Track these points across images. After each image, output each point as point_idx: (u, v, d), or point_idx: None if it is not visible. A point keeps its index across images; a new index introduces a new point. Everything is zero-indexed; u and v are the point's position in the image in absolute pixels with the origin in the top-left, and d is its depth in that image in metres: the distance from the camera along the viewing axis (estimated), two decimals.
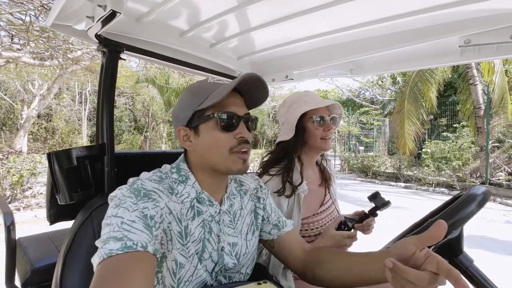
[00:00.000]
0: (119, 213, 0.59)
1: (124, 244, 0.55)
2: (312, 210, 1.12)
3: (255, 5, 0.97)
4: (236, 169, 0.71)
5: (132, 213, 0.59)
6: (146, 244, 0.57)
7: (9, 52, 6.19)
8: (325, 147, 1.11)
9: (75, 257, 0.80)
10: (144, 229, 0.58)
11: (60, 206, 0.99)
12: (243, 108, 0.74)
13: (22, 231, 3.99)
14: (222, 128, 0.69)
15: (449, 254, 0.76)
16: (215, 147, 0.70)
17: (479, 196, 0.72)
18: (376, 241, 1.47)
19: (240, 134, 0.71)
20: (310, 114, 1.10)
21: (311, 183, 1.15)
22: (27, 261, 1.14)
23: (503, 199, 5.95)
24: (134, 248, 0.55)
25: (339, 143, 13.05)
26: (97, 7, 0.79)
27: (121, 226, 0.57)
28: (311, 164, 1.20)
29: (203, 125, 0.71)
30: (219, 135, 0.70)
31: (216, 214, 0.75)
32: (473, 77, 7.23)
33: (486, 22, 0.97)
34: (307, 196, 1.10)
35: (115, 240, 0.55)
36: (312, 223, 1.09)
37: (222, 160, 0.71)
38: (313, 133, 1.10)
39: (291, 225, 0.89)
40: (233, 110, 0.71)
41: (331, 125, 1.11)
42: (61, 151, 0.94)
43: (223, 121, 0.69)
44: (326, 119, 1.11)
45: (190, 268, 0.69)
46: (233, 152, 0.70)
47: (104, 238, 0.56)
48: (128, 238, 0.56)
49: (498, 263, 3.08)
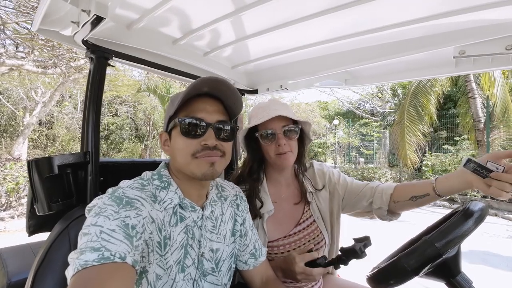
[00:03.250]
0: (99, 221, 0.56)
1: (101, 255, 0.52)
2: (283, 231, 1.01)
3: (249, 13, 0.96)
4: (200, 173, 0.69)
5: (112, 222, 0.56)
6: (124, 255, 0.54)
7: (12, 60, 6.27)
8: (281, 164, 0.99)
9: (48, 270, 0.76)
10: (124, 239, 0.55)
11: (39, 217, 0.94)
12: (216, 114, 0.72)
13: (15, 240, 3.94)
14: (183, 134, 0.69)
15: (446, 275, 0.71)
16: (180, 152, 0.70)
17: (476, 212, 0.68)
18: (371, 255, 1.41)
19: (204, 141, 0.69)
20: (260, 129, 0.99)
21: (283, 201, 1.05)
22: (5, 274, 1.09)
23: (505, 213, 5.84)
24: (112, 259, 0.52)
25: (339, 154, 13.01)
26: (81, 12, 0.78)
27: (100, 235, 0.54)
28: (280, 180, 1.08)
29: (173, 130, 0.72)
30: (184, 140, 0.69)
31: (198, 219, 0.74)
32: (472, 90, 7.25)
33: (481, 33, 0.96)
34: (278, 215, 1.01)
35: (92, 250, 0.52)
36: (283, 246, 0.99)
37: (185, 164, 0.70)
38: (265, 149, 1.00)
39: (265, 253, 0.90)
40: (199, 116, 0.69)
41: (282, 140, 0.97)
42: (42, 158, 0.91)
43: (184, 127, 0.69)
44: (277, 133, 0.97)
45: (168, 281, 0.66)
46: (196, 157, 0.69)
47: (81, 248, 0.53)
48: (106, 249, 0.52)
49: (502, 280, 2.98)
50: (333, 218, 1.11)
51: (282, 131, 0.98)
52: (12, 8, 5.97)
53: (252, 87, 1.68)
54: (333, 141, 13.46)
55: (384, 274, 0.69)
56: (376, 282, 0.71)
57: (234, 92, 0.73)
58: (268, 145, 0.99)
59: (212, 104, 0.72)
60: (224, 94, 0.73)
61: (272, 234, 1.00)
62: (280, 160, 0.98)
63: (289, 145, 0.98)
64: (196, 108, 0.70)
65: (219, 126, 0.71)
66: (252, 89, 1.68)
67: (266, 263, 0.91)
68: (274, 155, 0.99)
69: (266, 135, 0.98)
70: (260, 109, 1.03)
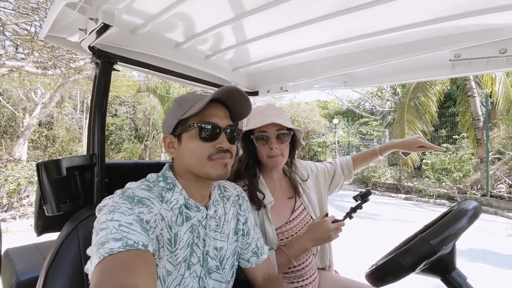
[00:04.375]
0: (115, 217, 0.58)
1: (125, 242, 0.54)
2: (284, 218, 1.12)
3: (250, 17, 0.99)
4: (216, 175, 0.73)
5: (128, 217, 0.59)
6: (146, 243, 0.57)
7: (12, 61, 6.28)
8: (272, 165, 1.09)
9: (58, 270, 0.78)
10: (142, 231, 0.58)
11: (48, 217, 0.97)
12: (226, 119, 0.77)
13: (16, 241, 3.96)
14: (201, 138, 0.72)
15: (441, 271, 0.74)
16: (194, 154, 0.73)
17: (470, 211, 0.71)
18: (370, 255, 1.44)
19: (219, 144, 0.73)
20: (255, 132, 1.08)
21: (278, 194, 1.16)
22: (13, 273, 1.11)
23: (505, 211, 5.87)
24: (136, 246, 0.54)
25: (339, 153, 13.03)
26: (89, 20, 0.80)
27: (119, 228, 0.56)
28: (273, 176, 1.18)
29: (185, 134, 0.74)
30: (199, 144, 0.72)
31: (203, 219, 0.77)
32: (471, 89, 7.27)
33: (475, 37, 0.98)
34: (276, 206, 1.11)
35: (115, 240, 0.54)
36: (286, 231, 1.09)
37: (201, 166, 0.73)
38: (259, 151, 1.09)
39: (267, 251, 0.94)
40: (214, 121, 0.73)
41: (274, 143, 1.05)
42: (50, 161, 0.93)
43: (202, 131, 0.72)
44: (271, 137, 1.06)
45: (177, 277, 0.69)
46: (211, 159, 0.73)
47: (102, 241, 0.55)
48: (128, 238, 0.55)
49: (501, 278, 3.01)
50: (322, 202, 1.28)
51: (275, 136, 1.07)
52: (11, 10, 5.99)
53: (253, 88, 1.71)
54: (333, 140, 13.48)
55: (382, 271, 0.72)
56: (374, 279, 0.74)
57: (247, 100, 0.77)
58: (262, 147, 1.08)
59: (223, 110, 0.77)
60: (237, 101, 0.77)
61: (276, 222, 1.09)
62: (271, 162, 1.08)
63: (280, 148, 1.08)
64: (209, 113, 0.73)
65: (229, 129, 0.76)
66: (253, 90, 1.71)
67: (268, 261, 0.94)
68: (266, 157, 1.08)
69: (261, 138, 1.07)
70: (258, 112, 1.11)
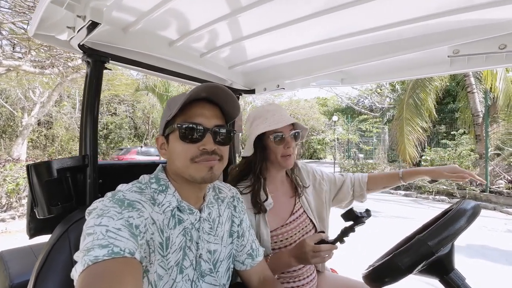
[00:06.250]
0: (103, 222, 0.56)
1: (111, 250, 0.52)
2: (281, 221, 1.10)
3: (246, 15, 0.96)
4: (200, 178, 0.70)
5: (117, 222, 0.57)
6: (133, 251, 0.55)
7: (10, 60, 6.24)
8: (286, 164, 1.09)
9: (49, 273, 0.77)
10: (130, 237, 0.56)
11: (40, 220, 0.95)
12: (214, 119, 0.72)
13: (16, 241, 3.96)
14: (182, 139, 0.69)
15: (439, 272, 0.73)
16: (178, 156, 0.70)
17: (468, 211, 0.69)
18: (369, 254, 1.43)
19: (203, 146, 0.70)
20: (269, 132, 1.07)
21: (278, 195, 1.15)
22: (7, 276, 1.10)
23: (504, 207, 5.87)
24: (122, 254, 0.53)
25: (338, 150, 13.02)
26: (77, 17, 0.78)
27: (106, 234, 0.55)
28: (277, 177, 1.18)
29: (171, 135, 0.72)
30: (182, 145, 0.70)
31: (196, 221, 0.75)
32: (470, 85, 7.26)
33: (474, 32, 0.96)
34: (275, 207, 1.10)
35: (100, 247, 0.52)
36: (281, 234, 1.08)
37: (185, 168, 0.70)
38: (273, 150, 1.08)
39: (262, 253, 0.92)
40: (198, 121, 0.70)
41: (291, 142, 1.08)
42: (41, 163, 0.91)
43: (182, 132, 0.69)
44: (286, 136, 1.07)
45: (169, 281, 0.68)
46: (195, 161, 0.70)
47: (88, 247, 0.53)
48: (114, 245, 0.53)
49: (501, 274, 3.01)
50: (322, 211, 1.22)
51: (290, 135, 1.08)
52: (8, 8, 5.94)
53: (250, 87, 1.69)
54: (332, 137, 13.47)
55: (379, 272, 0.70)
56: (371, 280, 0.72)
57: (232, 98, 0.73)
58: (276, 147, 1.08)
59: (210, 109, 0.73)
60: (222, 99, 0.73)
61: (272, 224, 1.08)
62: (285, 161, 1.08)
63: (292, 148, 1.09)
64: (194, 113, 0.70)
65: (217, 130, 0.72)
66: (249, 89, 1.69)
67: (263, 263, 0.93)
68: (279, 157, 1.08)
69: (279, 138, 1.07)
70: (268, 112, 1.11)
